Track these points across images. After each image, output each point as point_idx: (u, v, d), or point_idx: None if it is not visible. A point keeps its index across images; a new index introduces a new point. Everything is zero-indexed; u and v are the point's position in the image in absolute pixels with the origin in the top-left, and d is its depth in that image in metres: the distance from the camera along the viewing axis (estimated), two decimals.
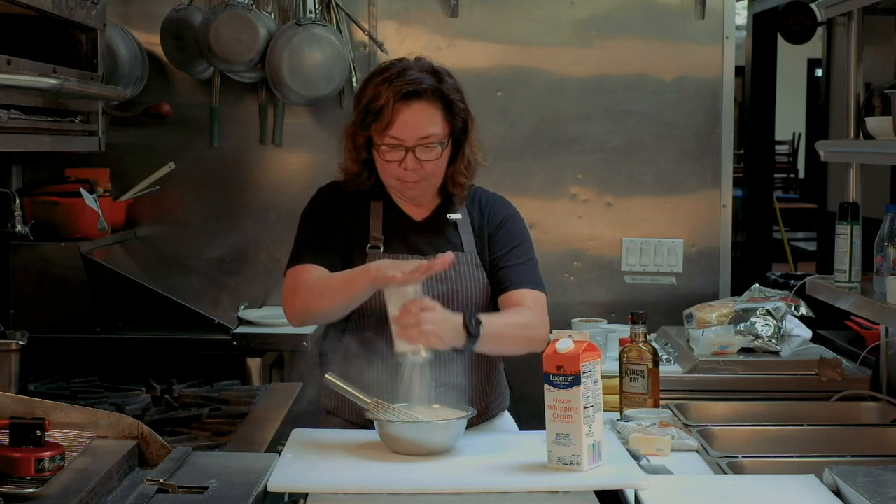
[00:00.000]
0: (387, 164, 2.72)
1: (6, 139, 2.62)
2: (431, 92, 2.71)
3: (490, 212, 2.86)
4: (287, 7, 4.31)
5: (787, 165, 12.60)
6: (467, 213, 2.84)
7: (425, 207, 2.84)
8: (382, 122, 2.68)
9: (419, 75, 2.71)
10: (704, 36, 4.40)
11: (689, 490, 2.42)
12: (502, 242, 2.83)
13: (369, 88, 2.73)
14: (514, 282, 2.79)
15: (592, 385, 2.39)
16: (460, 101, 2.76)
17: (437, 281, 2.73)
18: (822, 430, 3.07)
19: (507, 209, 2.89)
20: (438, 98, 2.72)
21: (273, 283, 4.30)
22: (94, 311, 3.87)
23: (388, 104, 2.67)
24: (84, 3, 3.06)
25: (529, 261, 2.84)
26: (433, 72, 2.75)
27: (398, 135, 2.69)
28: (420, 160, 2.70)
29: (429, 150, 2.71)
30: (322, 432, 2.70)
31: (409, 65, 2.75)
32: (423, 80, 2.71)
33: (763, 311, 3.67)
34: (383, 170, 2.75)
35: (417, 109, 2.69)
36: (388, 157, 2.71)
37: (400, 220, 2.82)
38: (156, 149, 4.35)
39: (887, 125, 2.99)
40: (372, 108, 2.70)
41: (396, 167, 2.71)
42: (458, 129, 2.76)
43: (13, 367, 2.90)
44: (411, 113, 2.69)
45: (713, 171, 4.42)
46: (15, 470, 2.08)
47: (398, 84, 2.68)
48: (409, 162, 2.70)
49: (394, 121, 2.68)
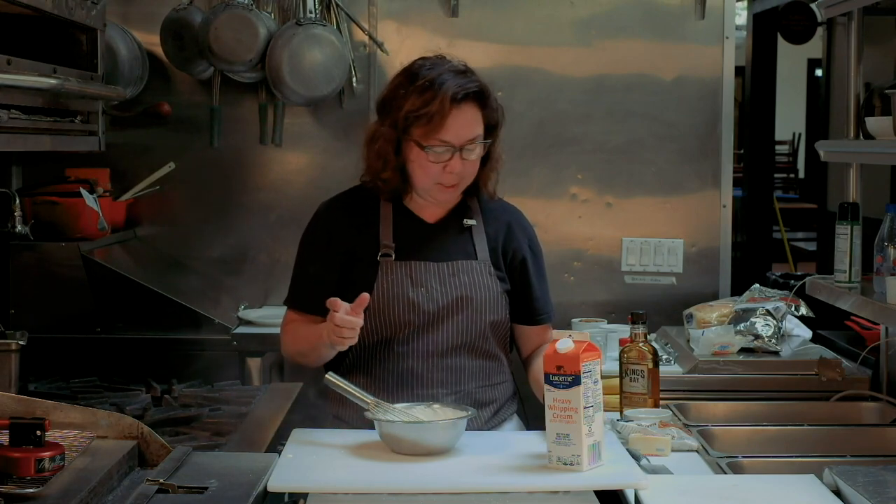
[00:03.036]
0: (431, 167, 2.68)
1: (6, 139, 2.62)
2: (475, 93, 2.69)
3: (510, 225, 2.85)
4: (287, 7, 4.31)
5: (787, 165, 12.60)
6: (482, 220, 2.82)
7: (441, 210, 2.81)
8: (433, 126, 2.64)
9: (460, 78, 2.67)
10: (704, 36, 4.40)
11: (689, 490, 2.41)
12: (534, 269, 2.84)
13: (412, 95, 2.66)
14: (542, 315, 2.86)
15: (592, 385, 2.39)
16: (494, 98, 2.75)
17: (450, 287, 2.73)
18: (822, 430, 3.07)
19: (528, 228, 2.89)
20: (480, 97, 2.70)
21: (273, 283, 4.30)
22: (94, 311, 3.87)
23: (443, 109, 2.63)
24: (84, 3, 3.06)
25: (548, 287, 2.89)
26: (465, 71, 2.72)
27: (448, 138, 2.65)
28: (465, 161, 2.69)
29: (472, 150, 2.69)
30: (322, 432, 2.69)
31: (441, 65, 2.71)
32: (466, 81, 2.68)
33: (763, 311, 3.67)
34: (424, 172, 2.70)
35: (466, 112, 2.67)
36: (433, 159, 2.67)
37: (412, 225, 2.79)
38: (156, 149, 4.35)
39: (887, 125, 2.99)
40: (423, 113, 2.64)
41: (440, 170, 2.68)
42: (492, 126, 2.74)
43: (13, 367, 2.90)
44: (462, 116, 2.66)
45: (713, 171, 4.42)
46: (15, 470, 2.08)
47: (449, 88, 2.64)
48: (454, 164, 2.67)
49: (444, 124, 2.64)
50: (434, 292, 2.72)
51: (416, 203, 2.81)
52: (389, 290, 2.71)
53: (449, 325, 2.72)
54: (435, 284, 2.73)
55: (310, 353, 2.77)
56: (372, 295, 2.69)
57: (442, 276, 2.74)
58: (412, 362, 2.72)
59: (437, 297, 2.72)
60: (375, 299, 2.71)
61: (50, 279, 3.86)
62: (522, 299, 2.82)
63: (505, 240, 2.82)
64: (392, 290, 2.71)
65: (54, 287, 3.86)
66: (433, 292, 2.72)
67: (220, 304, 4.21)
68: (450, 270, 2.75)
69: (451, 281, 2.73)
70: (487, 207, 2.85)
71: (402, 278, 2.72)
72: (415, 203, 2.81)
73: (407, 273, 2.73)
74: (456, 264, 2.76)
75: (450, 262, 2.75)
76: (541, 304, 2.85)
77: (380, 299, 2.71)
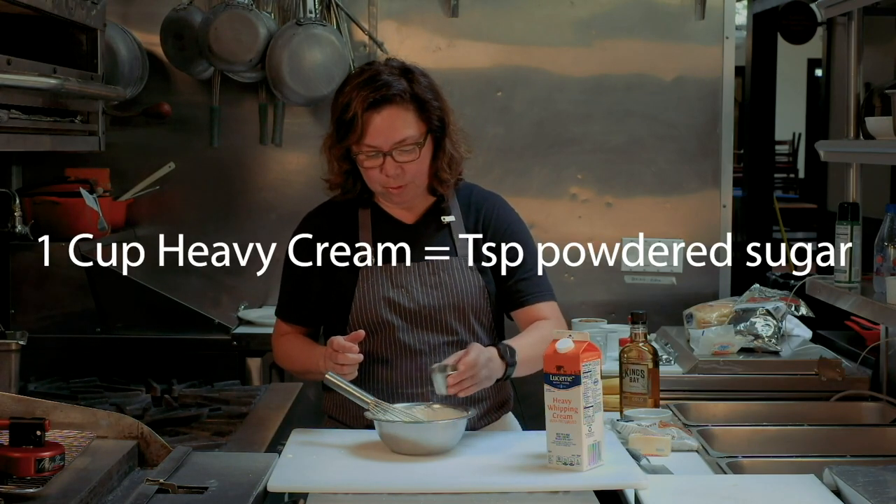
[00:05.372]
0: (369, 172, 2.73)
1: (6, 139, 2.62)
2: (400, 96, 2.69)
3: (487, 215, 2.85)
4: (287, 7, 4.31)
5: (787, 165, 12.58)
6: (461, 214, 2.84)
7: (416, 210, 2.83)
8: (356, 132, 2.68)
9: (387, 79, 2.70)
10: (704, 36, 4.40)
11: (689, 490, 2.41)
12: (511, 254, 2.83)
13: (341, 98, 2.72)
14: (531, 296, 2.82)
15: (592, 385, 2.39)
16: (434, 99, 2.74)
17: (430, 287, 2.75)
18: (822, 430, 3.07)
19: (507, 213, 2.88)
20: (409, 100, 2.70)
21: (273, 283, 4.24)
22: (94, 311, 3.87)
23: (358, 114, 2.67)
24: (84, 3, 3.06)
25: (539, 269, 2.86)
26: (403, 73, 2.73)
27: (372, 142, 2.68)
28: (399, 163, 2.70)
29: (406, 153, 2.70)
30: (322, 432, 2.70)
31: (378, 69, 2.74)
32: (392, 84, 2.69)
33: (763, 311, 3.67)
34: (367, 178, 2.75)
35: (388, 115, 2.68)
36: (367, 164, 2.71)
37: (390, 227, 2.82)
38: (156, 149, 4.35)
39: (887, 125, 2.99)
40: (343, 119, 2.69)
41: (378, 174, 2.71)
42: (435, 127, 2.74)
43: (13, 367, 2.90)
44: (382, 119, 2.68)
45: (713, 171, 4.42)
46: (15, 470, 2.08)
47: (365, 93, 2.67)
48: (388, 167, 2.70)
49: (366, 130, 2.67)
50: (415, 292, 2.74)
51: (392, 207, 2.83)
52: (370, 292, 2.74)
53: (433, 323, 2.74)
54: (415, 284, 2.75)
55: (300, 373, 2.88)
56: (354, 300, 2.74)
57: (422, 275, 2.76)
58: (402, 362, 2.73)
59: (417, 296, 2.74)
60: (357, 304, 2.74)
61: (50, 279, 3.86)
62: (506, 284, 2.82)
63: (484, 229, 2.83)
64: (373, 294, 2.74)
65: (54, 287, 3.86)
66: (414, 292, 2.74)
67: (220, 304, 4.21)
68: (429, 269, 2.76)
69: (430, 280, 2.75)
70: (465, 201, 2.86)
71: (382, 280, 2.75)
72: (391, 207, 2.83)
73: (387, 276, 2.75)
74: (434, 263, 2.77)
75: (429, 261, 2.77)
76: (525, 285, 2.82)
77: (362, 303, 2.74)
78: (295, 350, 2.84)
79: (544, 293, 2.84)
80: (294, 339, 2.86)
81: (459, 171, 2.83)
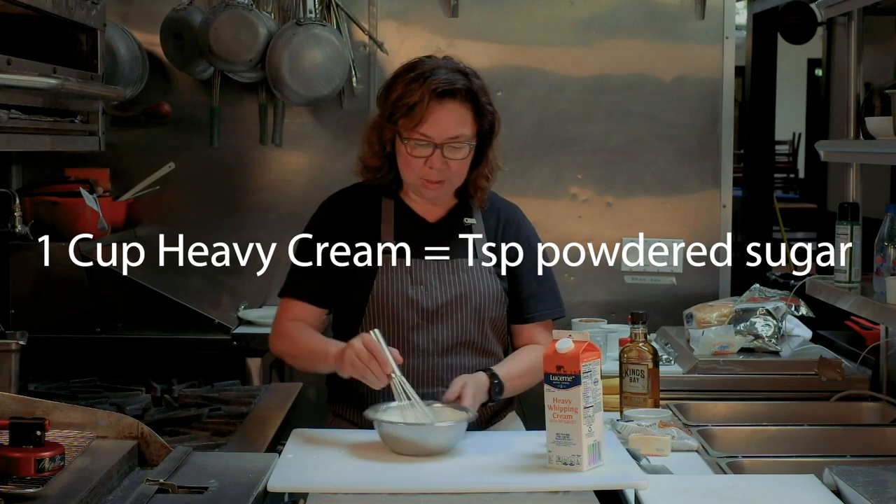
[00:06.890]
0: (412, 161, 2.72)
1: (6, 139, 2.61)
2: (464, 92, 2.71)
3: (508, 223, 2.86)
4: (287, 7, 4.31)
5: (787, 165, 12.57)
6: (482, 218, 2.85)
7: (441, 208, 2.84)
8: (414, 118, 2.68)
9: (452, 75, 2.71)
10: (704, 36, 4.40)
11: (689, 490, 2.41)
12: (528, 267, 2.85)
13: (400, 84, 2.72)
14: (534, 314, 2.85)
15: (592, 385, 2.39)
16: (488, 102, 2.76)
17: (449, 285, 2.74)
18: (822, 430, 3.07)
19: (526, 226, 2.90)
20: (470, 99, 2.72)
21: (273, 283, 4.29)
22: (94, 311, 3.87)
23: (423, 101, 2.67)
24: (84, 3, 3.05)
25: (552, 284, 2.89)
26: (463, 72, 2.75)
27: (428, 132, 2.69)
28: (447, 159, 2.70)
29: (456, 149, 2.71)
30: (322, 432, 2.70)
31: (440, 63, 2.75)
32: (457, 79, 2.71)
33: (763, 311, 3.67)
34: (407, 166, 2.74)
35: (450, 109, 2.70)
36: (414, 153, 2.70)
37: (412, 223, 2.82)
38: (156, 149, 4.35)
39: (887, 125, 2.99)
40: (404, 103, 2.69)
41: (422, 164, 2.71)
42: (485, 131, 2.76)
43: (13, 367, 2.90)
44: (444, 112, 2.69)
45: (713, 171, 4.42)
46: (15, 470, 2.08)
47: (433, 82, 2.68)
48: (435, 160, 2.70)
49: (426, 118, 2.68)
50: (433, 290, 2.74)
51: (416, 202, 2.82)
52: (389, 287, 2.73)
53: (448, 323, 2.74)
54: (434, 282, 2.75)
55: (305, 363, 2.79)
56: (371, 292, 2.73)
57: (441, 274, 2.76)
58: (412, 360, 2.73)
59: (436, 294, 2.74)
60: (375, 296, 2.73)
61: (50, 279, 3.86)
62: (515, 296, 2.84)
63: (503, 237, 2.85)
64: (392, 288, 2.73)
65: (54, 287, 3.86)
66: (433, 290, 2.74)
67: (220, 304, 4.21)
68: (449, 269, 2.77)
69: (450, 279, 2.75)
70: (487, 206, 2.87)
71: (402, 276, 2.74)
72: (415, 202, 2.82)
73: (407, 271, 2.75)
74: (455, 262, 2.78)
75: (449, 261, 2.77)
76: (533, 302, 2.85)
77: (379, 296, 2.73)
78: (303, 336, 2.77)
79: (549, 310, 2.87)
80: (303, 324, 2.80)
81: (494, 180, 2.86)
